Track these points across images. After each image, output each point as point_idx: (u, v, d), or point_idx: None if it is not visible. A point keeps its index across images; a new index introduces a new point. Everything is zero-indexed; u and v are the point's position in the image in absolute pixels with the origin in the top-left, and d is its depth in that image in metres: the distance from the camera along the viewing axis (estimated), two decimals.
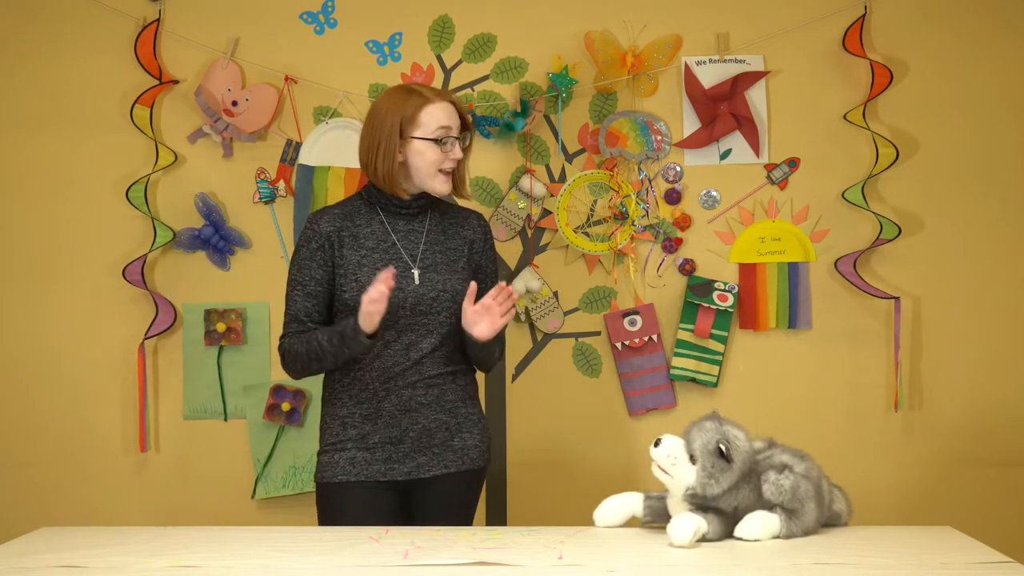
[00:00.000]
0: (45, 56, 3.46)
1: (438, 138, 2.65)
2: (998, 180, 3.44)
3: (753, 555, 2.13)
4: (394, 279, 2.55)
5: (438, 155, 2.66)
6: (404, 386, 2.65)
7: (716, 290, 3.43)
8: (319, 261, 2.67)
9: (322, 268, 2.67)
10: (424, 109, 2.65)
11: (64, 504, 3.44)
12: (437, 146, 2.65)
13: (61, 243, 3.46)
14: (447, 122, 2.66)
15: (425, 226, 2.74)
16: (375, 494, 2.65)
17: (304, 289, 2.67)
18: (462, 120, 2.71)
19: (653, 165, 3.47)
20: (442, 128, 2.65)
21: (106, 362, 3.45)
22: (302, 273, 2.67)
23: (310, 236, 2.69)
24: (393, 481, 2.66)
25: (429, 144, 2.65)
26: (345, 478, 2.65)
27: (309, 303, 2.66)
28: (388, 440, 2.66)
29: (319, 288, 2.67)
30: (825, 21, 3.43)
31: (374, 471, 2.65)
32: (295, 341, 2.66)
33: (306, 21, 3.47)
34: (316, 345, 2.62)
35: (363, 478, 2.65)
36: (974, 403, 3.43)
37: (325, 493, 2.69)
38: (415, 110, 2.65)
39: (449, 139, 2.66)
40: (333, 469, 2.66)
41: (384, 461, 2.66)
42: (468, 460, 2.71)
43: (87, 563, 2.08)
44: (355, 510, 2.63)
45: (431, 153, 2.66)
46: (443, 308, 2.67)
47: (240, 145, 3.46)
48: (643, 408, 3.45)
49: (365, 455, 2.65)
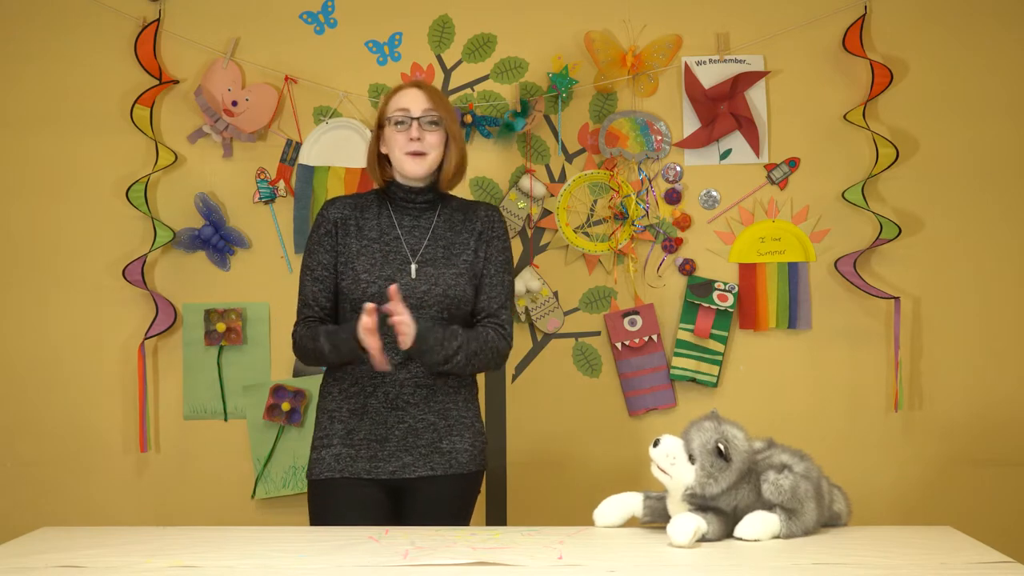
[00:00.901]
0: (45, 56, 3.46)
1: (398, 119, 2.69)
2: (998, 180, 3.44)
3: (753, 555, 2.13)
4: (390, 279, 2.60)
5: (401, 137, 2.69)
6: (392, 382, 2.65)
7: (716, 290, 3.43)
8: (326, 247, 2.71)
9: (328, 254, 2.70)
10: (392, 97, 2.73)
11: (64, 504, 3.44)
12: (396, 129, 2.69)
13: (61, 243, 3.46)
14: (406, 104, 2.70)
15: (432, 222, 2.74)
16: (361, 491, 2.64)
17: (312, 274, 2.71)
18: (435, 107, 2.70)
19: (653, 165, 3.47)
20: (400, 110, 2.69)
21: (106, 362, 3.45)
22: (311, 258, 2.72)
23: (320, 222, 2.74)
24: (378, 479, 2.65)
25: (391, 128, 2.70)
26: (331, 475, 2.65)
27: (316, 288, 2.70)
28: (373, 438, 2.65)
29: (325, 273, 2.70)
30: (825, 21, 3.43)
31: (358, 468, 2.64)
32: (303, 335, 2.69)
33: (306, 21, 3.47)
34: (319, 346, 2.64)
35: (348, 475, 2.64)
36: (974, 403, 3.43)
37: (314, 490, 2.70)
38: (386, 100, 2.74)
39: (407, 119, 2.68)
40: (320, 466, 2.67)
41: (369, 459, 2.64)
42: (457, 464, 2.67)
43: (87, 563, 2.08)
44: (342, 508, 2.62)
45: (394, 136, 2.70)
46: (434, 303, 2.65)
47: (240, 145, 3.46)
48: (643, 408, 3.45)
49: (350, 451, 2.65)
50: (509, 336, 2.72)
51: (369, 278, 2.65)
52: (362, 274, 2.65)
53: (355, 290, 2.65)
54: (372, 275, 2.65)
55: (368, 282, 2.64)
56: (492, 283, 2.72)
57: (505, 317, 2.72)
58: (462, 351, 2.61)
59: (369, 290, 2.63)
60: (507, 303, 2.74)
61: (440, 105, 2.71)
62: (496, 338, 2.68)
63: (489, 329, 2.69)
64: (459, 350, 2.60)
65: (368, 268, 2.66)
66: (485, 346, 2.66)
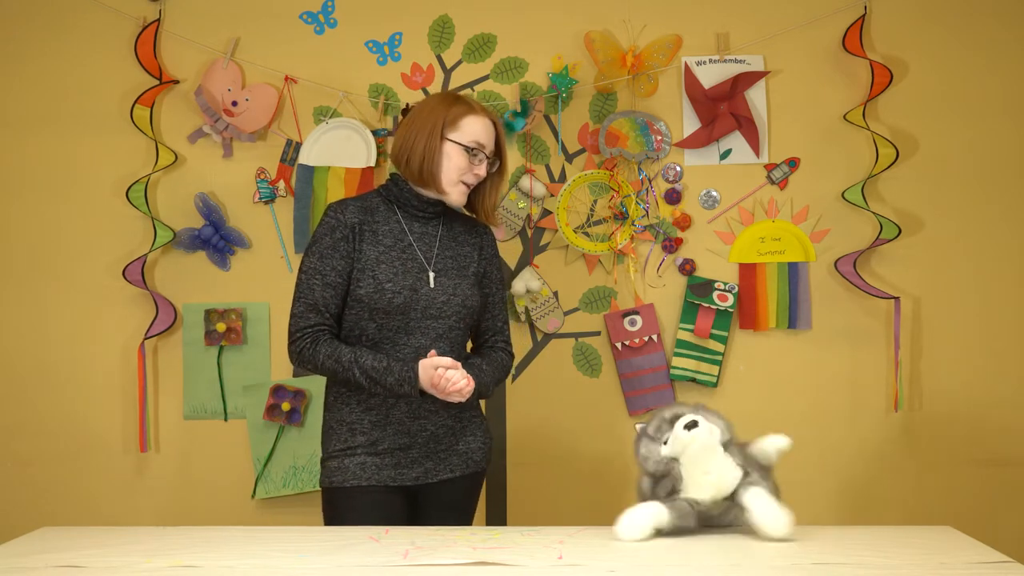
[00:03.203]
0: (45, 56, 3.46)
1: (470, 147, 2.66)
2: (998, 180, 3.44)
3: (753, 555, 2.13)
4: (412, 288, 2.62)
5: (465, 164, 2.66)
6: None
7: (716, 290, 3.43)
8: (342, 252, 2.63)
9: (344, 259, 2.63)
10: (467, 117, 2.67)
11: (64, 504, 3.44)
12: (467, 155, 2.66)
13: (61, 243, 3.46)
14: (483, 137, 2.67)
15: (439, 231, 2.73)
16: (384, 499, 2.63)
17: (324, 279, 2.62)
18: (498, 145, 2.72)
19: (653, 165, 3.47)
20: (476, 141, 2.67)
21: (106, 362, 3.45)
22: (323, 263, 2.62)
23: (334, 225, 2.64)
24: (402, 486, 2.65)
25: (459, 150, 2.66)
26: (356, 483, 2.62)
27: (328, 293, 2.62)
28: (397, 447, 2.65)
29: (339, 280, 2.63)
30: (825, 21, 3.43)
31: (384, 476, 2.63)
32: (322, 353, 2.59)
33: (306, 21, 3.47)
34: (350, 376, 2.58)
35: (374, 483, 2.62)
36: (974, 403, 3.43)
37: (333, 498, 2.65)
38: (458, 115, 2.67)
39: (480, 153, 2.67)
40: (343, 474, 2.63)
41: (394, 467, 2.64)
42: (472, 463, 2.72)
43: (87, 563, 2.08)
44: (364, 514, 2.60)
45: (458, 159, 2.66)
46: (452, 313, 2.66)
47: (240, 145, 3.46)
48: (643, 408, 3.45)
49: (375, 460, 2.63)
50: (512, 350, 2.85)
51: (394, 288, 2.61)
52: (386, 283, 2.60)
53: (379, 300, 2.60)
54: (397, 284, 2.61)
55: (394, 292, 2.61)
56: (495, 302, 2.80)
57: (507, 332, 2.84)
58: (492, 385, 2.72)
59: (395, 300, 2.61)
60: (507, 317, 2.85)
61: (503, 144, 2.74)
62: (506, 357, 2.81)
63: (499, 351, 2.79)
64: (490, 384, 2.71)
65: (392, 277, 2.61)
66: (503, 371, 2.79)
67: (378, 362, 2.57)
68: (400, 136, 2.70)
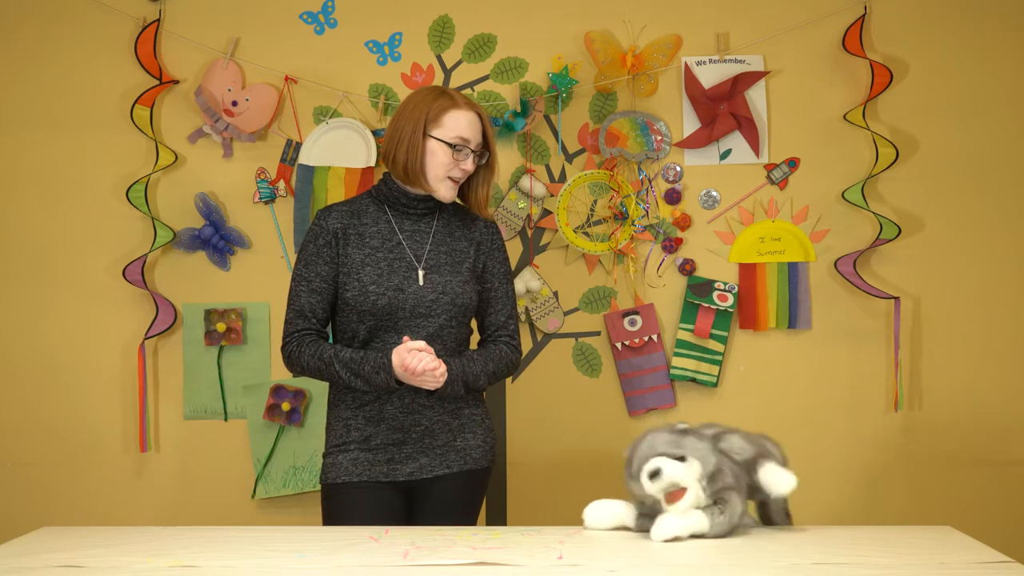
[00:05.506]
0: (45, 56, 3.46)
1: (453, 144, 2.65)
2: (998, 180, 3.44)
3: (753, 555, 2.13)
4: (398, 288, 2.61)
5: (449, 160, 2.66)
6: (407, 389, 2.64)
7: (716, 290, 3.43)
8: (325, 258, 2.67)
9: (328, 265, 2.67)
10: (449, 112, 2.66)
11: (64, 504, 3.44)
12: (451, 151, 2.65)
13: (61, 243, 3.46)
14: (467, 132, 2.66)
15: (432, 227, 2.73)
16: (379, 494, 2.65)
17: (309, 285, 2.67)
18: (485, 137, 2.71)
19: (653, 165, 3.47)
20: (460, 137, 2.65)
21: (106, 362, 3.45)
22: (308, 269, 2.67)
23: (317, 232, 2.69)
24: (396, 482, 2.66)
25: (443, 147, 2.65)
26: (348, 479, 2.65)
27: (314, 299, 2.66)
28: (391, 442, 2.66)
29: (324, 285, 2.67)
30: (825, 21, 3.43)
31: (377, 472, 2.65)
32: (306, 353, 2.65)
33: (306, 21, 3.47)
34: (332, 372, 2.62)
35: (366, 478, 2.64)
36: (974, 403, 3.43)
37: (329, 494, 2.69)
38: (441, 111, 2.66)
39: (464, 149, 2.66)
40: (336, 470, 2.66)
41: (387, 462, 2.66)
42: (471, 460, 2.71)
43: (87, 563, 2.08)
44: (359, 510, 2.62)
45: (443, 156, 2.65)
46: (442, 311, 2.66)
47: (240, 145, 3.46)
48: (643, 408, 3.45)
49: (368, 456, 2.65)
50: (519, 345, 2.80)
51: (378, 290, 2.63)
52: (370, 286, 2.63)
53: (363, 302, 2.63)
54: (381, 286, 2.63)
55: (377, 294, 2.63)
56: (498, 296, 2.77)
57: (513, 327, 2.78)
58: (484, 376, 2.69)
59: (379, 302, 2.63)
60: (513, 312, 2.79)
61: (490, 136, 2.72)
62: (509, 352, 2.76)
63: (502, 345, 2.75)
64: (481, 375, 2.68)
65: (376, 279, 2.63)
66: (501, 363, 2.74)
67: (355, 354, 2.61)
68: (386, 135, 2.71)
